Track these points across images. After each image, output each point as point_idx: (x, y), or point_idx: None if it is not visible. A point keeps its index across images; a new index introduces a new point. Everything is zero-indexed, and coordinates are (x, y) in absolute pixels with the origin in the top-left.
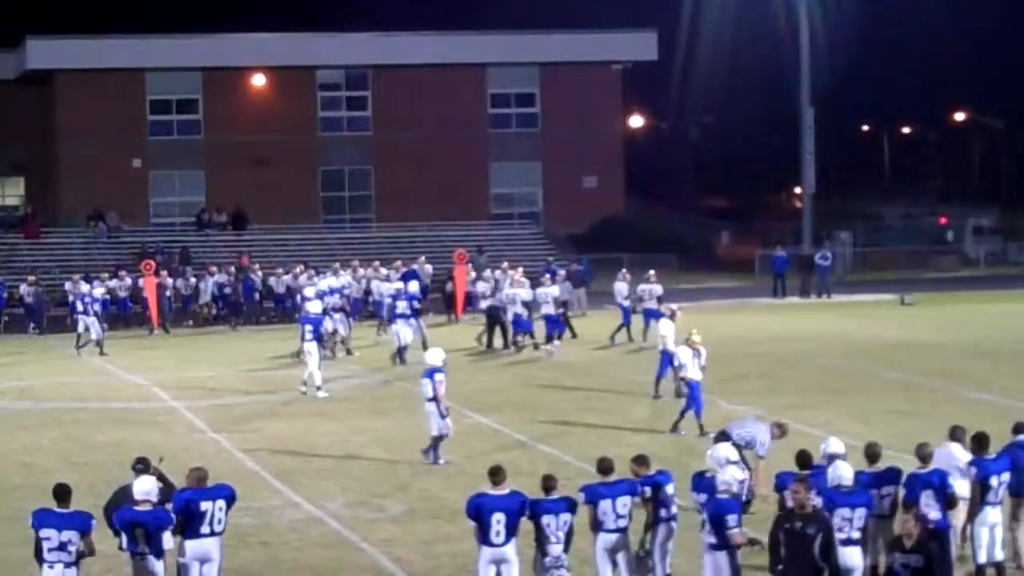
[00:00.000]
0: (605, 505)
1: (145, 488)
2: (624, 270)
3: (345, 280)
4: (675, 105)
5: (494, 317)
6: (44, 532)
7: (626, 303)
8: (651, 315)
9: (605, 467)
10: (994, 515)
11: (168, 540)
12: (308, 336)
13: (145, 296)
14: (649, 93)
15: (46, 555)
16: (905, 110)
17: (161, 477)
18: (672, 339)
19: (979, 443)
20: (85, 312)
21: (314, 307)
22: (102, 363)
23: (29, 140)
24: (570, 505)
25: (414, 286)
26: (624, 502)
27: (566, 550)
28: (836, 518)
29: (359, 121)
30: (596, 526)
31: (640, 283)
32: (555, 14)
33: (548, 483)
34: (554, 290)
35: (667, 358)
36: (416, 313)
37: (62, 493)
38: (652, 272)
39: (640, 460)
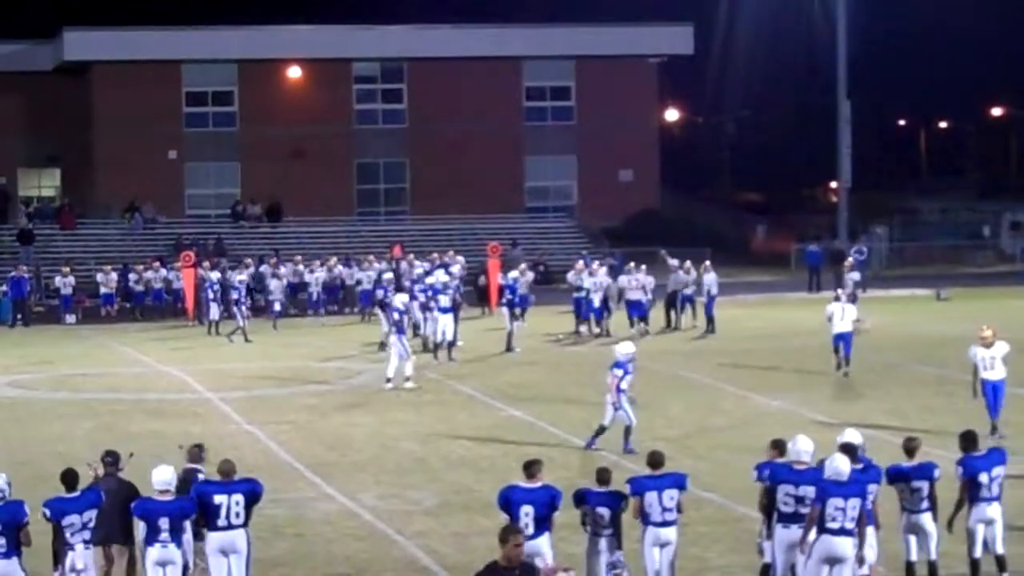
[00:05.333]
0: (651, 497)
1: (165, 478)
2: (707, 262)
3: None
4: (711, 99)
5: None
6: (68, 519)
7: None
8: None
9: (655, 461)
10: (992, 511)
11: (188, 530)
12: (392, 328)
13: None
14: (685, 87)
15: (70, 539)
16: (942, 104)
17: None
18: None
19: (967, 441)
20: (216, 300)
21: (400, 299)
22: (138, 354)
23: (65, 131)
24: (618, 499)
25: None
26: (671, 495)
27: (619, 546)
28: (829, 507)
29: (394, 114)
30: (643, 518)
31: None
32: (591, 7)
33: (602, 475)
34: (649, 280)
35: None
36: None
37: (73, 480)
38: (707, 263)
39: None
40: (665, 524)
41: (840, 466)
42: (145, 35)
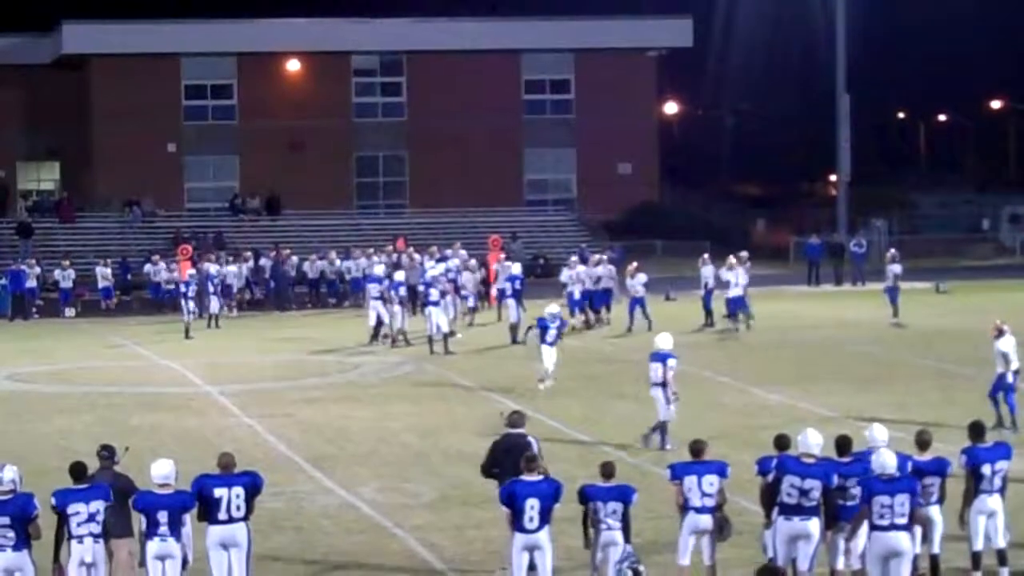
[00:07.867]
0: (690, 481)
1: (164, 472)
2: (705, 255)
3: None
4: (710, 92)
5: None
6: (72, 508)
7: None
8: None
9: (697, 449)
10: (992, 502)
11: (187, 524)
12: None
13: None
14: (684, 80)
15: (75, 530)
16: (941, 98)
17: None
18: None
19: (974, 432)
20: (187, 295)
21: (552, 309)
22: (137, 347)
23: (64, 125)
24: (622, 494)
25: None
26: (711, 480)
27: (628, 540)
28: (875, 505)
29: (393, 107)
30: (683, 504)
31: (722, 269)
32: (590, 0)
33: (606, 469)
34: (642, 277)
35: None
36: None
37: (81, 471)
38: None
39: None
40: (704, 510)
41: (886, 461)
42: (144, 28)
